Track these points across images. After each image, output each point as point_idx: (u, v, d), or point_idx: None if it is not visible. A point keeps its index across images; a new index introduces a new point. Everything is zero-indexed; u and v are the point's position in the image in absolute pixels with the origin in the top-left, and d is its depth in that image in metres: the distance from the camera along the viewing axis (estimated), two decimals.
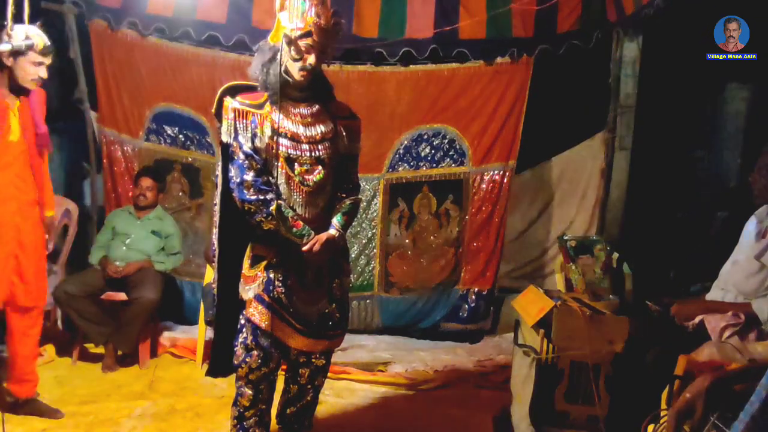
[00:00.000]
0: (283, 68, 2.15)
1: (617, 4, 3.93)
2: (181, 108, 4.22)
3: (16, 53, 2.57)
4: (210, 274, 3.17)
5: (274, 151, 2.17)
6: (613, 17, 4.00)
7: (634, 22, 3.95)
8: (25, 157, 2.72)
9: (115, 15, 3.97)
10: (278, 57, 2.14)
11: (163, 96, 4.22)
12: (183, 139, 4.28)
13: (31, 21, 2.54)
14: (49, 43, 2.65)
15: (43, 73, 2.66)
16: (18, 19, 2.42)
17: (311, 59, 2.13)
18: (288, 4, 2.11)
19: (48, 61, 2.67)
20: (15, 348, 2.83)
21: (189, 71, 4.16)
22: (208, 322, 3.41)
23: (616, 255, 3.14)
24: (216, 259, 2.33)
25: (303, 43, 2.11)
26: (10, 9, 2.45)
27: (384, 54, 4.13)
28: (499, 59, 4.22)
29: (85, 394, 3.17)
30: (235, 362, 2.27)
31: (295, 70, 2.16)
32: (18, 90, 2.68)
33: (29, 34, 2.57)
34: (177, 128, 4.27)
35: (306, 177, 2.20)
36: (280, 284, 2.21)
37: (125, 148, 4.23)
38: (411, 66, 4.24)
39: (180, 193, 4.36)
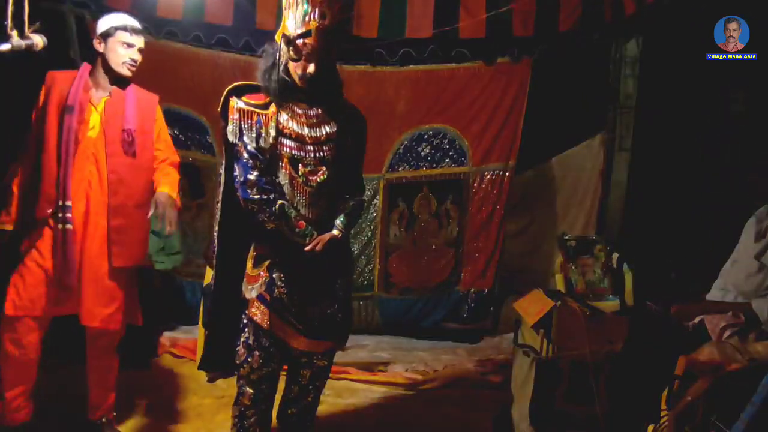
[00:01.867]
0: (282, 69, 2.15)
1: (618, 4, 3.93)
2: (181, 108, 4.21)
3: (105, 36, 2.42)
4: (210, 275, 3.16)
5: (278, 151, 2.17)
6: (613, 18, 4.00)
7: (634, 22, 3.95)
8: (102, 156, 2.46)
9: None
10: (278, 58, 2.13)
11: (163, 96, 4.20)
12: (183, 139, 4.27)
13: (31, 21, 2.52)
14: (138, 25, 2.49)
15: (135, 55, 2.46)
16: (18, 18, 2.41)
17: (311, 68, 2.10)
18: (290, 4, 2.10)
19: (140, 43, 2.48)
20: (88, 373, 2.62)
21: (189, 71, 4.15)
22: (204, 324, 3.39)
23: (616, 255, 3.14)
24: (215, 256, 2.33)
25: (303, 43, 2.10)
26: (9, 9, 2.45)
27: (384, 54, 4.13)
28: (499, 59, 4.23)
29: (85, 395, 3.16)
30: (237, 362, 2.27)
31: (296, 72, 2.14)
32: (113, 79, 2.48)
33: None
34: (177, 128, 4.26)
35: (310, 178, 2.20)
36: (283, 284, 2.21)
37: None
38: (411, 66, 4.24)
39: (180, 193, 4.34)
